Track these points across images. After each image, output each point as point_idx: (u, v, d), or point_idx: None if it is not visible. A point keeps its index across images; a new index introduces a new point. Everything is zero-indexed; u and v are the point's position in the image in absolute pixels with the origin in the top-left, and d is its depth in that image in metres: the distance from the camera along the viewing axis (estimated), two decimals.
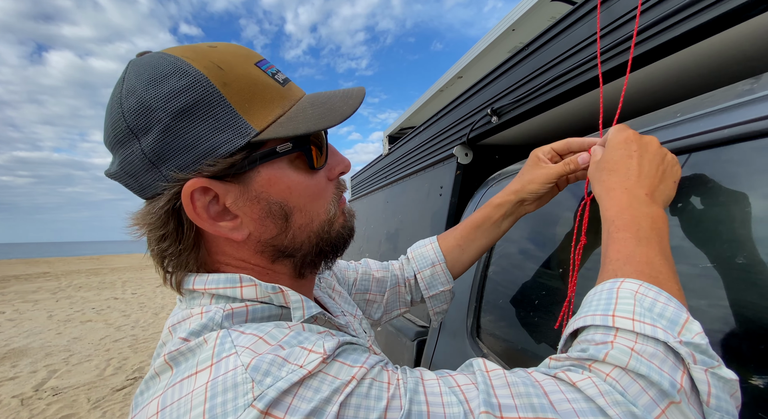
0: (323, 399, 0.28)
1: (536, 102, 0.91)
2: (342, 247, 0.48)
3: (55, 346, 4.90)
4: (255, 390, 0.28)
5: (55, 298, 8.52)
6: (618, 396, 0.30)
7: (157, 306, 7.36)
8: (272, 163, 0.40)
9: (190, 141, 0.36)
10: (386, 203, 2.19)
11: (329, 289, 0.62)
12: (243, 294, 0.39)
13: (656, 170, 0.46)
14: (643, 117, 0.64)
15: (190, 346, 0.33)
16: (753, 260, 0.42)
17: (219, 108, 0.36)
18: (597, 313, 0.36)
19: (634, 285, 0.36)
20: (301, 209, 0.42)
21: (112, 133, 0.38)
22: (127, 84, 0.37)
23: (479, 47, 1.40)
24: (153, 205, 0.38)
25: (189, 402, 0.28)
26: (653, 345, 0.32)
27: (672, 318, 0.34)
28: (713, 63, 0.65)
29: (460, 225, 0.74)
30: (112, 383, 3.69)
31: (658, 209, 0.44)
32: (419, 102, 2.03)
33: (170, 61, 0.37)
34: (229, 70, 0.37)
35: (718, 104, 0.50)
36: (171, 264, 0.41)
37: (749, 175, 0.45)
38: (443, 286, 0.74)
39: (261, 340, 0.32)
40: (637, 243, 0.40)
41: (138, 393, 0.34)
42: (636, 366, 0.31)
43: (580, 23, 0.76)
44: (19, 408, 3.21)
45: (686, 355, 0.31)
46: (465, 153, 1.30)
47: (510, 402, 0.31)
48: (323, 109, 0.41)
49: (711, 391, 0.30)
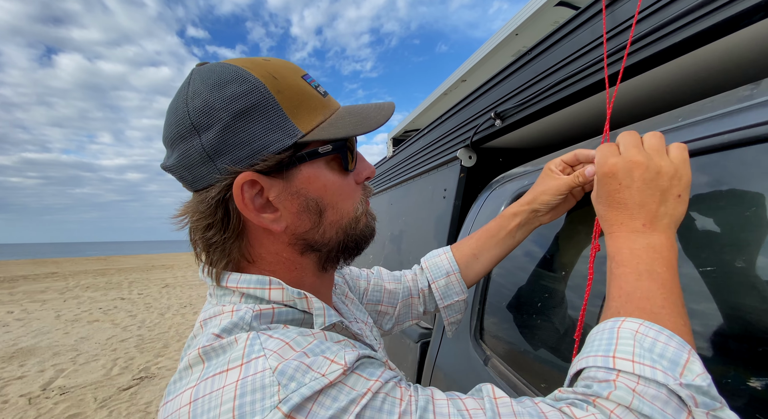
0: (340, 409, 0.30)
1: (540, 105, 0.91)
2: (363, 245, 0.52)
3: (62, 346, 4.95)
4: (281, 394, 0.30)
5: (63, 298, 8.62)
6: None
7: (163, 307, 7.42)
8: (312, 162, 0.44)
9: (246, 139, 0.40)
10: (390, 205, 2.20)
11: (342, 296, 0.64)
12: (271, 296, 0.42)
13: (650, 195, 0.44)
14: (645, 121, 0.64)
15: (222, 343, 0.36)
16: (753, 264, 0.42)
17: (272, 111, 0.41)
18: (599, 354, 0.36)
19: (635, 325, 0.37)
20: (333, 206, 0.46)
21: (176, 129, 0.42)
22: (193, 87, 0.41)
23: (483, 51, 1.41)
24: (205, 195, 0.42)
25: (219, 397, 0.31)
26: (655, 388, 0.32)
27: (673, 358, 0.34)
28: (713, 68, 0.65)
29: (475, 235, 0.74)
30: (118, 382, 3.72)
31: (660, 237, 0.43)
32: (423, 105, 2.04)
33: (233, 69, 0.41)
34: (282, 79, 0.42)
35: (719, 109, 0.50)
36: (216, 253, 0.44)
37: (749, 179, 0.45)
38: (458, 296, 0.74)
39: (287, 346, 0.35)
40: (637, 278, 0.41)
41: (172, 382, 0.37)
42: (639, 407, 0.31)
43: (584, 27, 0.76)
44: (27, 407, 3.25)
45: (687, 398, 0.31)
46: (469, 156, 1.30)
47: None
48: (359, 117, 0.46)
49: None
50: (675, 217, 0.44)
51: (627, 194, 0.45)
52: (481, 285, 0.98)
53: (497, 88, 1.09)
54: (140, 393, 3.49)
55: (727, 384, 0.41)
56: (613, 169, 0.46)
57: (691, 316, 0.46)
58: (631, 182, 0.45)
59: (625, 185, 0.45)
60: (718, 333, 0.43)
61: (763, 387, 0.38)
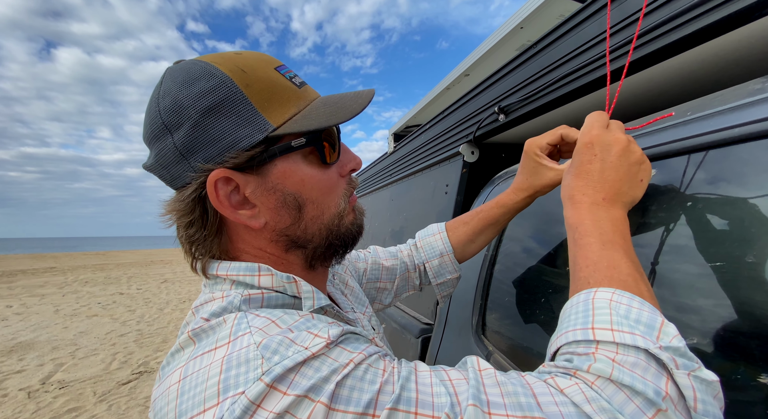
0: (322, 378, 0.31)
1: (544, 100, 0.91)
2: (351, 243, 0.50)
3: (61, 340, 4.96)
4: (264, 366, 0.31)
5: (62, 293, 8.62)
6: (604, 403, 0.31)
7: (162, 302, 7.43)
8: (287, 156, 0.43)
9: (216, 135, 0.40)
10: (391, 201, 2.20)
11: (342, 285, 0.64)
12: (260, 282, 0.43)
13: (619, 172, 0.46)
14: (653, 116, 0.64)
15: (211, 325, 0.37)
16: (762, 259, 0.41)
17: (241, 106, 0.40)
18: (577, 328, 0.37)
19: (608, 294, 0.37)
20: (313, 201, 0.45)
21: (150, 129, 0.42)
22: (164, 86, 0.42)
23: (487, 45, 1.40)
24: (182, 194, 0.42)
25: (206, 372, 0.32)
26: (634, 354, 0.32)
27: (648, 322, 0.34)
28: (722, 62, 0.65)
29: (473, 220, 0.76)
30: (117, 377, 3.73)
31: (618, 212, 0.44)
32: (425, 100, 2.03)
33: (201, 66, 0.41)
34: (251, 72, 0.42)
35: (729, 103, 0.50)
36: (198, 250, 0.45)
37: (759, 174, 0.45)
38: (451, 274, 0.78)
39: (273, 323, 0.35)
40: (602, 247, 0.41)
41: (164, 365, 0.38)
42: (619, 377, 0.31)
43: (590, 21, 0.75)
44: (26, 400, 3.26)
45: (668, 361, 0.32)
46: (471, 151, 1.30)
47: (499, 400, 0.32)
48: (334, 107, 0.44)
49: (697, 396, 0.30)
50: (633, 198, 0.47)
51: (599, 166, 0.46)
52: (483, 281, 0.98)
53: (501, 83, 1.09)
54: (139, 387, 3.50)
55: (730, 381, 0.40)
56: (595, 140, 0.47)
57: (697, 313, 0.46)
58: (607, 156, 0.46)
59: (600, 157, 0.46)
60: (724, 330, 0.43)
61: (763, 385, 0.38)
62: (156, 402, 0.35)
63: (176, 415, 0.32)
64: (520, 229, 0.93)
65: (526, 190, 0.68)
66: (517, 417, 0.31)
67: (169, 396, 0.33)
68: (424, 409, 0.31)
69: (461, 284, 1.07)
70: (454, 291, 1.09)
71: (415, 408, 0.31)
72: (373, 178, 2.71)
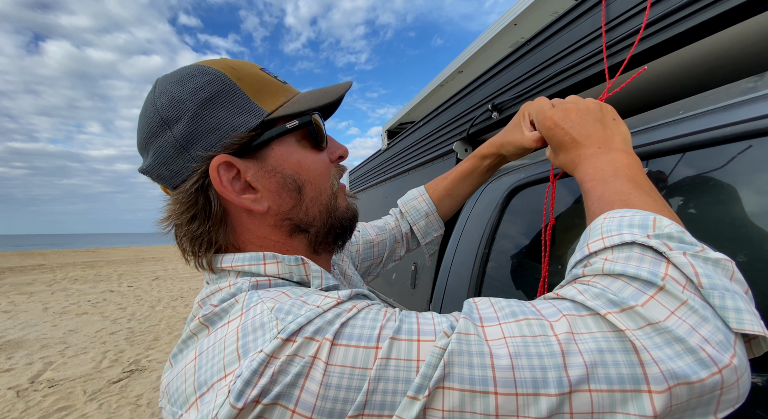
0: (327, 321, 0.33)
1: None
2: (349, 228, 0.53)
3: (50, 338, 4.89)
4: (279, 326, 0.33)
5: (51, 290, 8.50)
6: (596, 290, 0.32)
7: (153, 300, 7.36)
8: (282, 140, 0.46)
9: (214, 124, 0.42)
10: (385, 198, 2.19)
11: (341, 276, 0.65)
12: (266, 270, 0.44)
13: (591, 126, 0.49)
14: (644, 114, 0.64)
15: (222, 307, 0.38)
16: (756, 257, 0.42)
17: (236, 96, 0.43)
18: (575, 253, 0.38)
19: (602, 217, 0.38)
20: (311, 182, 0.47)
21: (147, 128, 0.44)
22: (159, 89, 0.44)
23: (480, 42, 1.39)
24: (183, 187, 0.43)
25: (223, 343, 0.34)
26: (627, 250, 0.33)
27: (640, 224, 0.34)
28: (716, 60, 0.65)
29: (449, 175, 0.81)
30: (108, 375, 3.69)
31: (618, 153, 0.45)
32: (419, 97, 2.02)
33: (194, 66, 0.45)
34: (240, 69, 0.45)
35: (722, 102, 0.50)
36: (203, 245, 0.45)
37: (751, 172, 0.45)
38: (436, 232, 0.83)
39: (283, 294, 0.37)
40: (604, 183, 0.43)
41: (175, 353, 0.39)
42: (610, 268, 0.32)
43: (584, 18, 0.75)
44: (15, 399, 3.21)
45: (659, 246, 0.32)
46: (465, 148, 1.29)
47: (492, 314, 0.34)
48: (319, 93, 0.49)
49: (697, 271, 0.30)
50: (623, 135, 0.48)
51: (574, 133, 0.49)
52: (476, 278, 0.98)
53: (494, 80, 1.08)
54: (130, 385, 3.46)
55: None
56: (553, 119, 0.52)
57: None
58: (572, 123, 0.50)
59: (568, 127, 0.50)
60: None
61: (764, 383, 0.38)
62: (170, 385, 0.36)
63: (195, 388, 0.33)
64: (512, 227, 0.93)
65: (496, 141, 0.70)
66: (511, 322, 0.32)
67: (186, 374, 0.34)
68: (425, 336, 0.32)
69: (454, 281, 1.06)
70: (447, 289, 1.09)
71: (417, 336, 0.32)
72: (367, 175, 2.70)
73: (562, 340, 0.29)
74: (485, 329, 0.32)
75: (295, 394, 0.30)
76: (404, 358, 0.31)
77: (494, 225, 0.97)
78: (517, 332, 0.31)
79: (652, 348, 0.28)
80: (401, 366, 0.31)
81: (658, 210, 0.36)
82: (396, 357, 0.31)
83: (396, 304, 1.59)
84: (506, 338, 0.31)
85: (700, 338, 0.27)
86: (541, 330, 0.31)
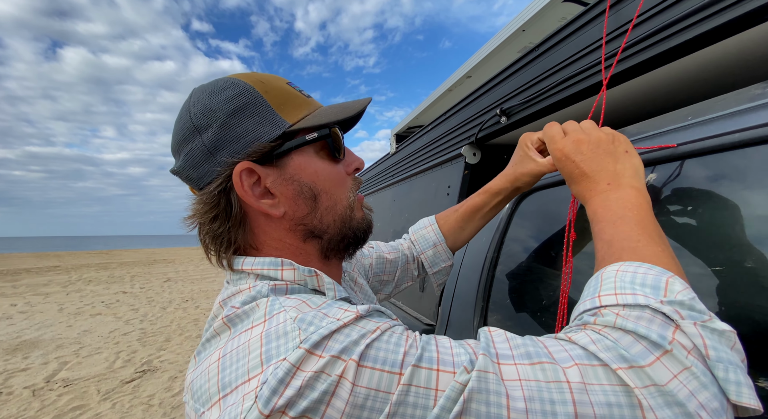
0: (352, 341, 0.34)
1: (546, 103, 0.91)
2: (362, 238, 0.55)
3: (65, 339, 4.99)
4: (301, 336, 0.34)
5: (66, 291, 8.67)
6: (608, 342, 0.33)
7: (165, 301, 7.46)
8: (302, 151, 0.48)
9: (240, 133, 0.46)
10: (393, 201, 2.20)
11: (352, 283, 0.67)
12: (283, 276, 0.46)
13: (603, 160, 0.49)
14: (653, 119, 0.64)
15: (244, 310, 0.40)
16: (761, 263, 0.42)
17: (262, 108, 0.46)
18: (586, 300, 0.39)
19: (615, 267, 0.39)
20: (326, 192, 0.50)
21: (180, 133, 0.48)
22: (194, 98, 0.48)
23: (489, 47, 1.40)
24: (208, 189, 0.47)
25: (247, 347, 0.36)
26: (639, 311, 0.34)
27: (653, 284, 0.35)
28: (724, 67, 0.65)
29: (461, 208, 0.81)
30: (121, 375, 3.75)
31: (627, 191, 0.46)
32: (427, 101, 2.03)
33: (226, 79, 0.48)
34: (268, 83, 0.49)
35: (730, 108, 0.50)
36: (223, 243, 0.48)
37: (760, 179, 0.45)
38: (444, 263, 0.83)
39: (304, 303, 0.39)
40: (613, 226, 0.44)
41: (199, 351, 0.42)
42: (622, 324, 0.33)
43: (592, 24, 0.76)
44: (31, 398, 3.28)
45: (671, 313, 0.33)
46: (473, 152, 1.30)
47: (508, 352, 0.35)
48: (340, 108, 0.52)
49: (706, 343, 0.31)
50: (634, 169, 0.49)
51: (585, 166, 0.50)
52: (485, 283, 0.98)
53: (503, 85, 1.09)
54: (143, 385, 3.51)
55: None
56: (564, 151, 0.53)
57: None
58: (582, 156, 0.51)
59: (579, 160, 0.51)
60: None
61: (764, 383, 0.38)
62: (194, 382, 0.38)
63: (219, 388, 0.35)
64: (521, 231, 0.93)
65: (508, 176, 0.71)
66: (525, 364, 0.33)
67: (210, 373, 0.36)
68: (445, 366, 0.34)
69: (463, 285, 1.07)
70: (456, 293, 1.10)
71: (437, 366, 0.34)
72: (376, 179, 2.71)
73: (575, 389, 0.31)
74: (501, 367, 0.34)
75: (322, 409, 0.32)
76: (423, 386, 0.33)
77: (503, 229, 0.97)
78: (531, 376, 0.33)
79: (656, 407, 0.30)
80: (420, 394, 0.33)
81: (666, 264, 0.38)
82: (416, 384, 0.33)
83: (404, 307, 1.60)
84: (521, 381, 0.32)
85: (698, 404, 0.29)
86: (555, 375, 0.32)
